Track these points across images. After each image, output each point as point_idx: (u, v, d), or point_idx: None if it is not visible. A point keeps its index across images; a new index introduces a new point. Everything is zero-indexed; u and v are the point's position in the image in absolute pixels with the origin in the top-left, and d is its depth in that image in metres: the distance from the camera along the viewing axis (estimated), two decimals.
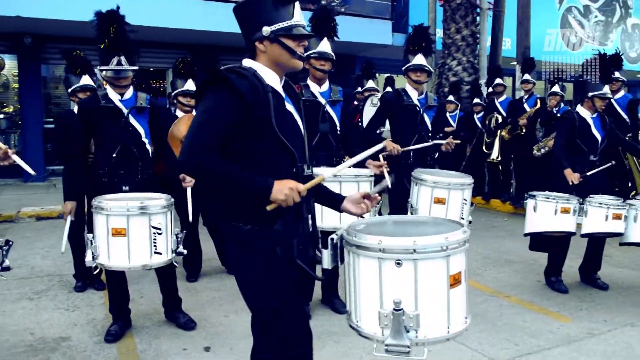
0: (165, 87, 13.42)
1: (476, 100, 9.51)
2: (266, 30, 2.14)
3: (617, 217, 4.59)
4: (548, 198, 4.72)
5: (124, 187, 3.84)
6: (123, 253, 3.42)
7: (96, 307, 4.54)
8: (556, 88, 8.36)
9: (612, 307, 4.65)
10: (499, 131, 8.94)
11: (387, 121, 4.96)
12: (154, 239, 3.47)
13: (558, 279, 5.11)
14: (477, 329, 3.97)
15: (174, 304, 4.21)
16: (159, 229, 3.50)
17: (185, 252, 3.71)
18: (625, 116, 7.32)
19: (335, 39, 4.29)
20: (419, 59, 4.66)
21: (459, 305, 2.06)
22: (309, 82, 4.32)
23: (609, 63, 5.30)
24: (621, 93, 7.49)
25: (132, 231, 3.40)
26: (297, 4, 2.20)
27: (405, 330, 1.95)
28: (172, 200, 3.68)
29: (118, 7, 3.88)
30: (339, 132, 4.30)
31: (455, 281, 2.02)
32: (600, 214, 4.62)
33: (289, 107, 2.27)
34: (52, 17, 9.00)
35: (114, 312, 3.98)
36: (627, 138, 7.11)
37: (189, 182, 4.18)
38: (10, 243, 3.15)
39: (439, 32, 11.32)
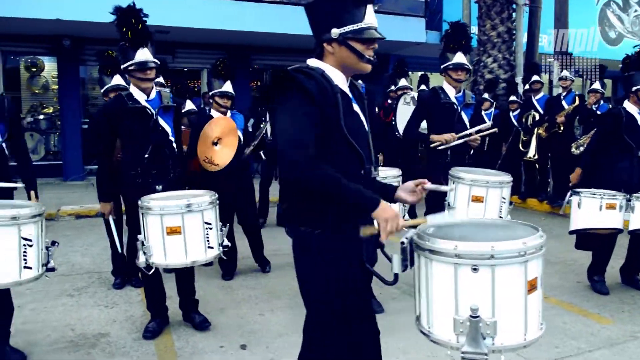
0: (200, 87, 13.57)
1: (512, 97, 9.35)
2: (335, 32, 2.11)
3: None
4: (594, 194, 4.61)
5: (157, 187, 3.88)
6: (180, 250, 3.49)
7: (134, 304, 4.62)
8: (596, 85, 8.18)
9: (626, 311, 4.52)
10: (535, 129, 8.76)
11: (424, 121, 4.90)
12: (207, 234, 3.57)
13: (601, 278, 5.00)
14: None
15: (192, 305, 4.20)
16: (210, 224, 3.59)
17: (229, 244, 3.81)
18: None
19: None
20: (460, 57, 4.62)
21: (535, 312, 2.02)
22: None
23: None
24: None
25: (188, 228, 3.48)
26: (370, 6, 2.15)
27: (482, 338, 1.91)
28: (217, 195, 3.74)
29: (134, 3, 3.90)
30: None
31: (532, 287, 1.98)
32: None
33: (355, 107, 2.25)
34: (91, 20, 9.18)
35: (152, 309, 4.04)
36: None
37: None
38: (56, 244, 3.24)
39: (474, 29, 11.15)
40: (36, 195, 3.76)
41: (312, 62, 2.20)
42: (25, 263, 3.06)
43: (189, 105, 6.05)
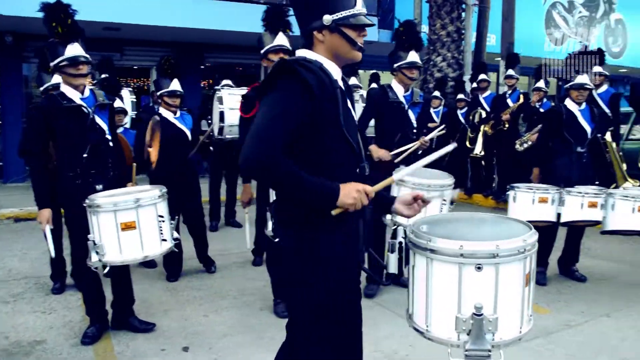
0: (149, 86, 13.33)
1: (460, 96, 9.53)
2: (327, 19, 2.01)
3: (593, 205, 4.65)
4: (529, 189, 4.78)
5: (97, 187, 3.76)
6: (136, 245, 3.45)
7: (73, 309, 4.48)
8: (540, 83, 8.39)
9: (589, 298, 4.70)
10: (482, 126, 8.95)
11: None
12: (160, 227, 3.56)
13: (541, 269, 5.15)
14: None
15: (130, 309, 4.07)
16: (162, 216, 3.58)
17: (179, 237, 3.78)
18: (607, 110, 7.34)
19: (290, 33, 4.31)
20: (413, 56, 4.61)
21: (529, 304, 2.07)
22: None
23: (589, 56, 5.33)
24: (604, 87, 7.51)
25: (142, 223, 3.46)
26: None
27: (485, 335, 1.94)
28: (165, 189, 3.73)
29: None
30: None
31: (528, 281, 2.03)
32: (576, 203, 4.67)
33: (348, 103, 2.17)
34: (33, 15, 8.88)
35: (91, 314, 3.91)
36: (610, 131, 7.16)
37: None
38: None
39: (425, 28, 11.31)
40: None
41: (305, 53, 2.09)
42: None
43: (118, 103, 5.89)
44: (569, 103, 5.17)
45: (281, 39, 4.29)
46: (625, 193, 4.68)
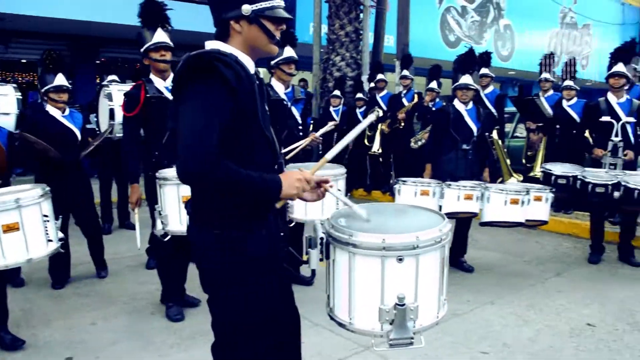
0: (38, 81, 12.58)
1: (358, 95, 9.74)
2: (246, 9, 1.94)
3: (469, 197, 4.96)
4: (413, 182, 5.08)
5: None
6: (20, 247, 3.29)
7: None
8: (433, 84, 8.76)
9: (475, 288, 4.97)
10: (379, 125, 9.22)
11: None
12: (45, 227, 3.42)
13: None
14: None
15: (2, 322, 3.78)
16: (47, 216, 3.44)
17: (64, 237, 3.69)
18: (493, 110, 7.81)
19: (169, 28, 4.19)
20: (289, 52, 4.62)
21: (444, 290, 2.15)
22: (152, 76, 4.16)
23: (472, 58, 5.62)
24: (490, 88, 8.00)
25: (26, 223, 3.31)
26: None
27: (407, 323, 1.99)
28: (48, 187, 3.58)
29: None
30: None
31: (443, 267, 2.10)
32: (453, 195, 4.97)
33: (264, 97, 2.10)
34: None
35: None
36: (495, 130, 7.64)
37: None
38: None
39: (324, 28, 11.46)
40: None
41: (217, 45, 2.00)
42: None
43: None
44: (456, 103, 5.48)
45: (161, 36, 4.12)
46: (500, 187, 5.02)
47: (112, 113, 5.05)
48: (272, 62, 4.65)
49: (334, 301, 2.15)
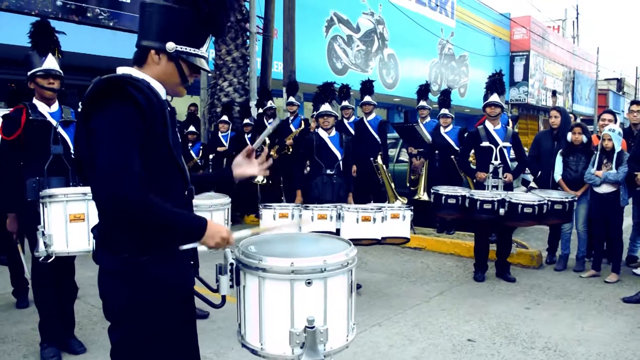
0: None
1: (246, 120, 9.72)
2: (170, 46, 1.96)
3: (322, 217, 5.12)
4: (269, 207, 5.31)
5: None
6: None
7: None
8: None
9: (364, 310, 5.04)
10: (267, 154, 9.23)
11: None
12: None
13: None
14: (236, 348, 3.99)
15: None
16: None
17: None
18: (376, 136, 8.09)
19: (60, 56, 3.98)
20: (51, 63, 3.92)
21: (352, 314, 2.21)
22: (35, 101, 3.94)
23: (330, 90, 5.89)
24: (373, 115, 8.28)
25: None
26: (209, 38, 2.06)
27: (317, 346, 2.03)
28: None
29: None
30: (72, 155, 3.89)
31: (350, 292, 2.17)
32: (307, 216, 5.15)
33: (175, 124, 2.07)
34: None
35: None
36: (379, 156, 7.93)
37: None
38: None
39: (212, 53, 11.39)
40: None
41: (129, 71, 1.97)
42: None
43: None
44: (320, 131, 5.77)
45: (51, 63, 3.86)
46: (354, 206, 5.22)
47: None
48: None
49: (245, 328, 2.16)
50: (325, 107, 5.69)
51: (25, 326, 4.52)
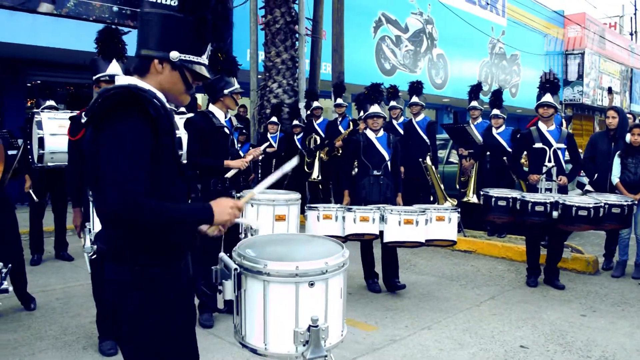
0: None
1: (295, 122, 9.81)
2: (174, 55, 1.99)
3: (364, 219, 5.09)
4: (314, 208, 5.26)
5: None
6: None
7: None
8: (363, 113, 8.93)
9: (413, 312, 5.03)
10: (317, 152, 9.32)
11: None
12: None
13: (374, 280, 5.75)
14: None
15: None
16: None
17: (10, 289, 3.36)
18: (425, 137, 8.04)
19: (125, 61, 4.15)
20: (115, 68, 4.27)
21: (345, 311, 2.37)
22: None
23: (379, 91, 5.88)
24: (421, 116, 8.23)
25: None
26: (209, 46, 2.10)
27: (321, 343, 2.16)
28: None
29: None
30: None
31: (344, 290, 2.32)
32: (350, 218, 5.13)
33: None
34: None
35: None
36: (428, 156, 7.87)
37: None
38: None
39: (261, 55, 11.54)
40: None
41: (134, 80, 2.00)
42: None
43: None
44: (368, 131, 5.74)
45: (115, 68, 4.06)
46: (397, 208, 5.19)
47: (41, 142, 4.87)
48: (227, 91, 4.64)
49: (245, 329, 2.24)
50: (374, 108, 5.67)
51: (84, 319, 4.70)
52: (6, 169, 4.87)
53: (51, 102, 7.00)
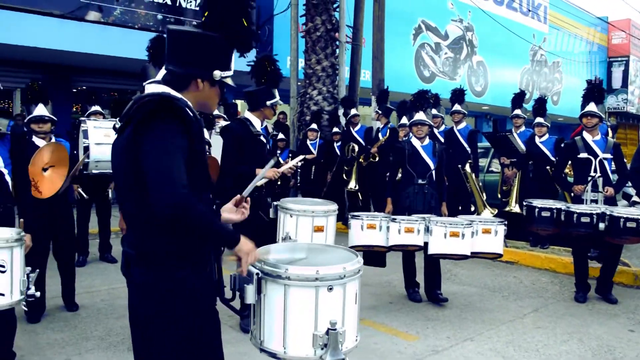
0: (13, 108, 12.42)
1: (335, 129, 9.83)
2: (217, 74, 2.13)
3: (409, 230, 5.01)
4: (356, 217, 5.17)
5: None
6: None
7: None
8: (404, 120, 8.89)
9: (455, 323, 4.97)
10: (356, 161, 9.34)
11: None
12: None
13: (415, 290, 5.65)
14: None
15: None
16: (3, 266, 3.15)
17: (38, 294, 3.36)
18: (466, 146, 7.95)
19: None
20: (277, 94, 4.74)
21: (359, 316, 2.41)
22: None
23: (424, 98, 5.82)
24: (463, 124, 8.15)
25: None
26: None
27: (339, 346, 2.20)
28: (23, 234, 3.35)
29: None
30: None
31: (356, 296, 2.37)
32: (394, 228, 5.04)
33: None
34: None
35: None
36: (468, 164, 7.79)
37: None
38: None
39: (301, 62, 11.61)
40: None
41: (168, 90, 2.09)
42: None
43: None
44: (413, 139, 5.67)
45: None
46: (443, 220, 5.08)
47: (86, 150, 5.00)
48: (269, 103, 4.70)
49: (264, 334, 2.29)
50: (419, 116, 5.61)
51: (127, 321, 4.77)
52: (69, 172, 5.01)
53: (97, 108, 7.19)
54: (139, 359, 2.18)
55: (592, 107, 5.80)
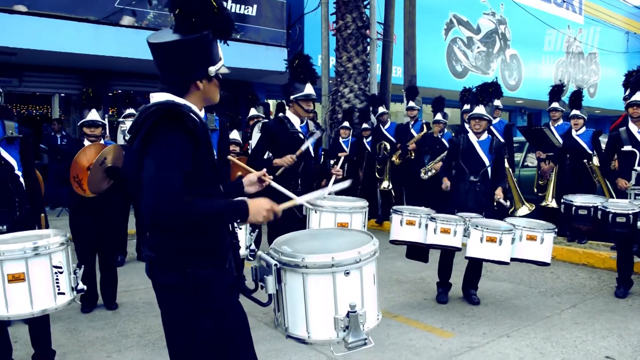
0: (52, 114, 12.77)
1: (364, 125, 9.79)
2: (212, 70, 2.17)
3: (445, 231, 4.92)
4: (397, 211, 5.19)
5: (1, 227, 3.57)
6: (24, 299, 3.12)
7: None
8: (438, 116, 8.82)
9: (490, 319, 4.92)
10: (388, 159, 9.29)
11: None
12: (57, 279, 3.24)
13: (444, 289, 5.54)
14: (364, 350, 4.03)
15: (48, 357, 3.93)
16: (60, 267, 3.27)
17: (85, 288, 3.49)
18: (502, 140, 7.83)
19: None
20: (309, 89, 4.68)
21: (378, 296, 2.48)
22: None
23: (488, 91, 5.63)
24: (498, 119, 8.03)
25: (32, 274, 3.13)
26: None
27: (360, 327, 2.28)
28: (68, 235, 3.47)
29: None
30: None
31: (374, 277, 2.43)
32: (431, 228, 4.99)
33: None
34: None
35: None
36: (505, 159, 7.66)
37: None
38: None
39: (332, 60, 11.61)
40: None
41: (170, 97, 2.12)
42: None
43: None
44: (470, 134, 5.49)
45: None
46: (483, 222, 4.93)
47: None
48: (292, 97, 4.68)
49: (288, 321, 2.36)
50: (479, 110, 5.37)
51: None
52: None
53: (131, 110, 7.35)
54: (174, 356, 2.24)
55: (638, 96, 5.63)
